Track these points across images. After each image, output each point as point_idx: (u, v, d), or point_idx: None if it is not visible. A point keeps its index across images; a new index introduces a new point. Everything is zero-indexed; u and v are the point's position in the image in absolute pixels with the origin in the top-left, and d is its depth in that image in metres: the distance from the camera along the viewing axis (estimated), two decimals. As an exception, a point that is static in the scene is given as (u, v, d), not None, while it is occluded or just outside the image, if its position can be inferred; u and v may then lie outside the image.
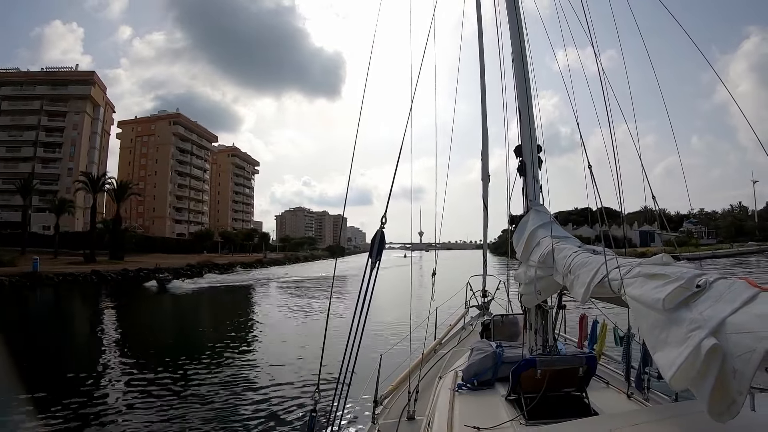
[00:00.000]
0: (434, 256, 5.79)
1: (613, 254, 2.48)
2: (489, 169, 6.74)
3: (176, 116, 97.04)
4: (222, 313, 24.96)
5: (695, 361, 1.54)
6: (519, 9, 4.22)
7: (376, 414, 4.00)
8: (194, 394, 9.70)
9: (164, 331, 19.07)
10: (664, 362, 1.69)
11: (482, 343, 4.50)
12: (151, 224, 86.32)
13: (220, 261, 62.99)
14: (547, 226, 3.62)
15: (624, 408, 3.32)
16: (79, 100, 73.06)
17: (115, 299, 30.74)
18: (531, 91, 4.10)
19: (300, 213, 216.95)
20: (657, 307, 1.82)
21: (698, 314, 1.64)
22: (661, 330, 1.78)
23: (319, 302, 26.48)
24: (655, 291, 1.89)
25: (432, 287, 5.46)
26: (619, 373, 4.11)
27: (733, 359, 1.46)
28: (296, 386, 10.05)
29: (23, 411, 8.15)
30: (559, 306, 3.81)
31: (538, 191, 4.05)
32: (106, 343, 16.18)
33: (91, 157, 73.91)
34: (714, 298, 1.65)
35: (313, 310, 23.61)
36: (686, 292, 1.77)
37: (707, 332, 1.54)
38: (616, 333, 4.24)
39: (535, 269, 3.46)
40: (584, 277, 2.61)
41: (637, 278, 2.09)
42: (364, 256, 2.88)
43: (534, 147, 4.05)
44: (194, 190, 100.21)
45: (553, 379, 3.11)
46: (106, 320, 22.21)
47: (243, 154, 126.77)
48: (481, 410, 3.31)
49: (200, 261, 58.08)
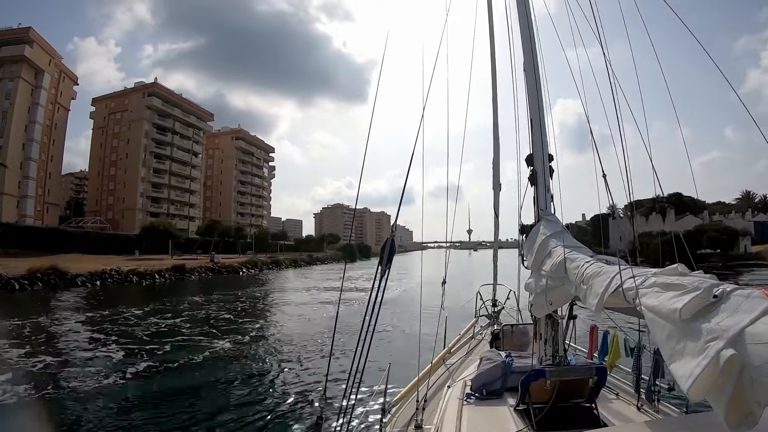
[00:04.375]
0: (445, 259, 5.73)
1: (628, 264, 2.47)
2: (501, 178, 6.73)
3: (151, 87, 78.06)
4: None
5: (713, 372, 1.53)
6: (530, 18, 4.26)
7: (383, 423, 3.99)
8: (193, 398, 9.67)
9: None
10: (681, 373, 1.68)
11: (491, 353, 4.48)
12: (120, 218, 71.26)
13: (127, 266, 40.44)
14: (558, 235, 3.61)
15: (634, 420, 3.30)
16: (13, 64, 57.95)
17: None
18: (542, 101, 4.13)
19: (338, 210, 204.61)
20: (673, 317, 1.82)
21: (715, 324, 1.63)
22: (677, 341, 1.78)
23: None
24: (671, 301, 1.88)
25: (442, 296, 5.44)
26: (629, 384, 4.07)
27: (751, 369, 1.45)
28: (303, 392, 10.01)
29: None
30: (569, 316, 3.80)
31: (549, 201, 4.05)
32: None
33: (30, 133, 59.55)
34: (731, 309, 1.65)
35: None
36: (703, 302, 1.76)
37: (725, 342, 1.54)
38: (627, 344, 4.21)
39: (546, 279, 3.45)
40: (598, 287, 2.60)
41: (653, 288, 2.09)
42: (410, 256, 2.84)
43: (545, 156, 4.06)
44: (178, 177, 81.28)
45: (562, 390, 3.09)
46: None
47: (251, 137, 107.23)
48: (490, 420, 3.30)
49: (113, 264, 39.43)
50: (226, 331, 17.06)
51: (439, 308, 5.53)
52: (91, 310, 22.11)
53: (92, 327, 17.84)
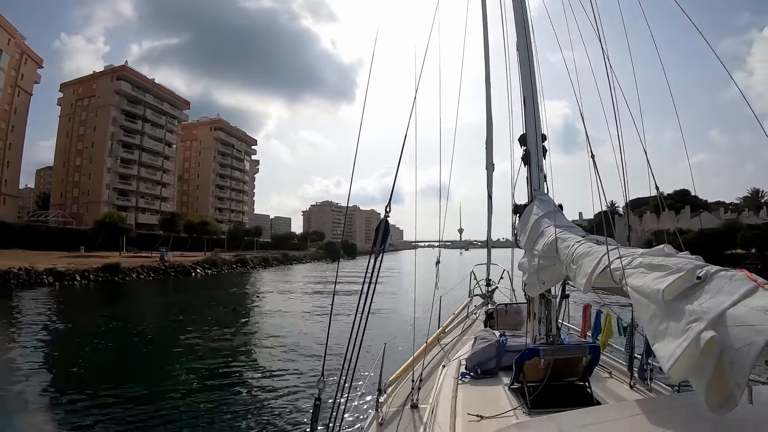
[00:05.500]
0: (439, 250, 5.77)
1: (616, 244, 2.47)
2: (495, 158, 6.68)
3: (120, 70, 69.94)
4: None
5: (693, 353, 1.54)
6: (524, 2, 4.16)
7: (379, 402, 4.04)
8: (198, 384, 9.84)
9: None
10: (663, 353, 1.69)
11: (486, 332, 4.52)
12: (85, 211, 63.44)
13: (55, 264, 34.23)
14: (551, 215, 3.60)
15: (627, 398, 3.34)
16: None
17: None
18: (536, 80, 4.06)
19: (327, 207, 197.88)
20: (657, 298, 1.82)
21: (698, 306, 1.63)
22: (660, 321, 1.78)
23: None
24: (655, 282, 1.88)
25: (436, 276, 5.47)
26: (622, 363, 4.12)
27: (731, 351, 1.45)
28: (301, 374, 10.18)
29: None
30: (562, 296, 3.82)
31: (542, 180, 4.03)
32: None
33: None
34: (714, 291, 1.64)
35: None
36: (686, 283, 1.76)
37: (706, 324, 1.54)
38: (620, 323, 4.24)
39: (538, 258, 3.45)
40: (586, 267, 2.61)
41: (639, 269, 2.08)
42: (401, 255, 2.81)
43: (538, 136, 4.01)
44: (149, 168, 74.16)
45: (556, 369, 3.13)
46: None
47: (231, 128, 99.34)
48: (485, 399, 3.35)
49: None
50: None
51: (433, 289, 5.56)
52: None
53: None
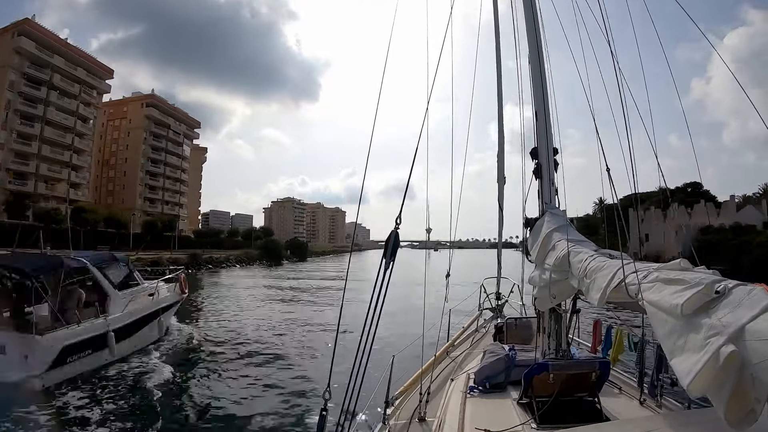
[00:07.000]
0: (449, 256, 5.75)
1: (630, 259, 2.46)
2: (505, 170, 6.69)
3: (22, 24, 55.19)
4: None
5: (713, 368, 1.53)
6: (536, 11, 4.21)
7: (387, 414, 4.01)
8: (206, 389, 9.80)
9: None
10: (681, 368, 1.67)
11: (495, 346, 4.49)
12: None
13: None
14: (562, 229, 3.59)
15: (636, 414, 3.30)
16: None
17: None
18: (548, 93, 4.08)
19: (288, 205, 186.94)
20: (675, 312, 1.81)
21: (717, 320, 1.62)
22: (678, 336, 1.77)
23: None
24: (673, 296, 1.87)
25: (446, 288, 5.45)
26: (632, 378, 4.07)
27: (751, 366, 1.44)
28: (307, 383, 10.10)
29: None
30: (573, 310, 3.79)
31: (553, 194, 4.03)
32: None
33: None
34: (733, 305, 1.63)
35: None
36: (705, 297, 1.75)
37: (726, 339, 1.53)
38: (630, 338, 4.20)
39: (550, 273, 3.44)
40: (600, 281, 2.59)
41: (655, 283, 2.07)
42: (368, 255, 2.83)
43: (550, 150, 4.02)
44: (55, 146, 59.82)
45: (565, 384, 3.10)
46: None
47: (167, 106, 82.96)
48: (493, 413, 3.31)
49: None
50: None
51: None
52: None
53: None
